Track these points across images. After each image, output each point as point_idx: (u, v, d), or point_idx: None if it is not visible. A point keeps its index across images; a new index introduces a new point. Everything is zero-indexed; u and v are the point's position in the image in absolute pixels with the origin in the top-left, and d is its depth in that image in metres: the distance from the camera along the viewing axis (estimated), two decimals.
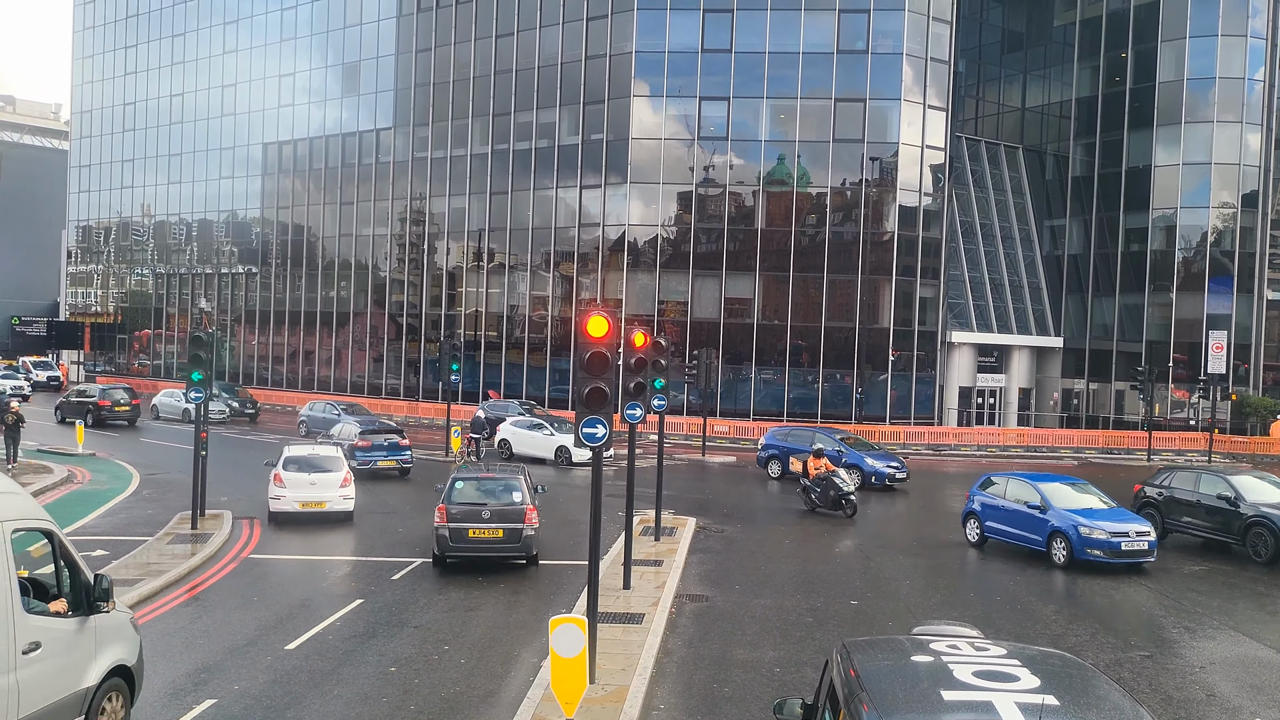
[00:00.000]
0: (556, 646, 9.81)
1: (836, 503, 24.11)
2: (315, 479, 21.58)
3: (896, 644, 6.37)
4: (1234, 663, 13.25)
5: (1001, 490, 20.86)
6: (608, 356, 11.14)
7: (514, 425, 35.22)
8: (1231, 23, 49.29)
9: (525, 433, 34.46)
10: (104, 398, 42.54)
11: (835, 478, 24.32)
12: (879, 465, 30.30)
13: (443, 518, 17.11)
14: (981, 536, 20.88)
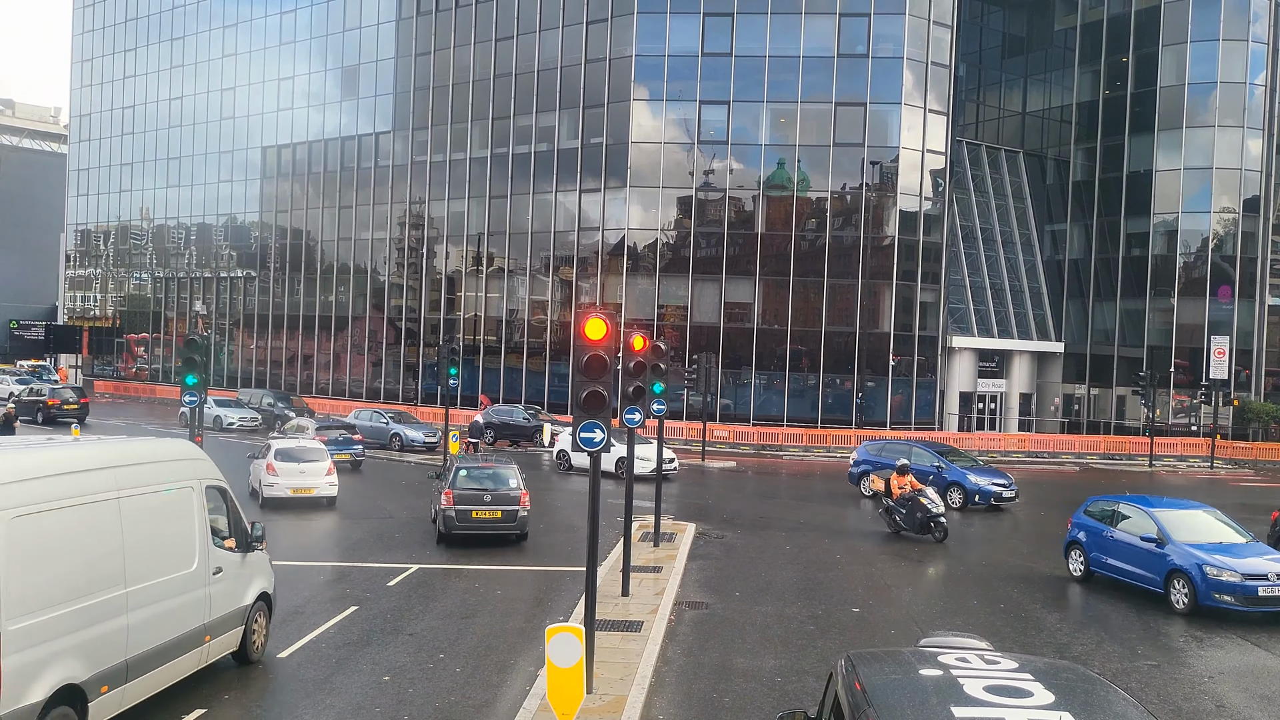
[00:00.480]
0: (553, 656, 9.60)
1: (924, 525, 21.56)
2: (304, 468, 24.43)
3: (903, 656, 6.16)
4: (1243, 672, 13.05)
5: (1109, 516, 18.03)
6: (606, 360, 10.95)
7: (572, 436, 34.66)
8: (1232, 27, 49.21)
9: None
10: (54, 396, 45.63)
11: (922, 497, 21.74)
12: (983, 482, 27.37)
13: (450, 501, 19.73)
14: (1086, 570, 18.14)
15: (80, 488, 9.12)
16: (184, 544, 10.71)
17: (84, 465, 9.43)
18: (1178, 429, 48.98)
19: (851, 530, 23.62)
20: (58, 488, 8.81)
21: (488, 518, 19.74)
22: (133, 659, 9.56)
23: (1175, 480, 39.28)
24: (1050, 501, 30.07)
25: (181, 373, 20.81)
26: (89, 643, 8.92)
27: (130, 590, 9.60)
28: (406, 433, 39.86)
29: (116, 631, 9.35)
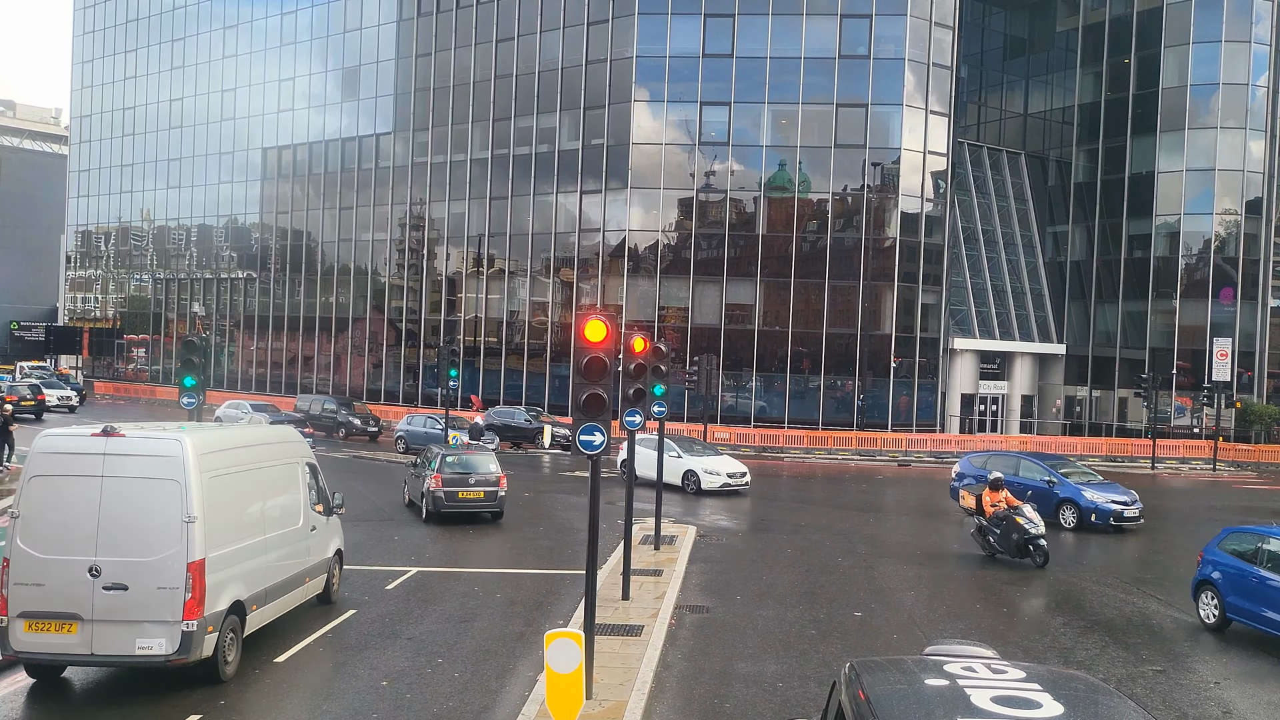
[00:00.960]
0: (552, 662, 9.49)
1: (1021, 548, 19.25)
2: None
3: (908, 665, 6.04)
4: (1249, 678, 12.92)
5: (1256, 554, 14.46)
6: (606, 362, 10.84)
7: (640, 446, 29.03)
8: (1235, 29, 49.13)
9: (650, 454, 28.34)
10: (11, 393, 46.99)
11: (1018, 516, 19.37)
12: (1100, 499, 24.04)
13: (439, 484, 22.40)
14: (1222, 618, 14.72)
15: (239, 459, 12.18)
16: (293, 506, 13.71)
17: (241, 443, 12.69)
18: (1180, 431, 48.86)
19: (853, 533, 23.49)
20: (229, 459, 11.89)
21: (472, 497, 22.68)
22: (269, 588, 12.60)
23: (1178, 483, 39.17)
24: (1181, 520, 27.59)
25: (180, 374, 20.71)
26: (247, 573, 11.92)
27: (267, 537, 12.65)
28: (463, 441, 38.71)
29: (260, 567, 12.35)
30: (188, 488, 10.81)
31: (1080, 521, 23.90)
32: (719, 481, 28.50)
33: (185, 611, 10.65)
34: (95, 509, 10.66)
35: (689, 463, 29.34)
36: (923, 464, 42.23)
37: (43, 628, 10.58)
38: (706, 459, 29.72)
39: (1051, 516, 23.53)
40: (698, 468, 28.97)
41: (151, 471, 10.85)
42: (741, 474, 29.18)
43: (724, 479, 28.58)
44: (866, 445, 44.40)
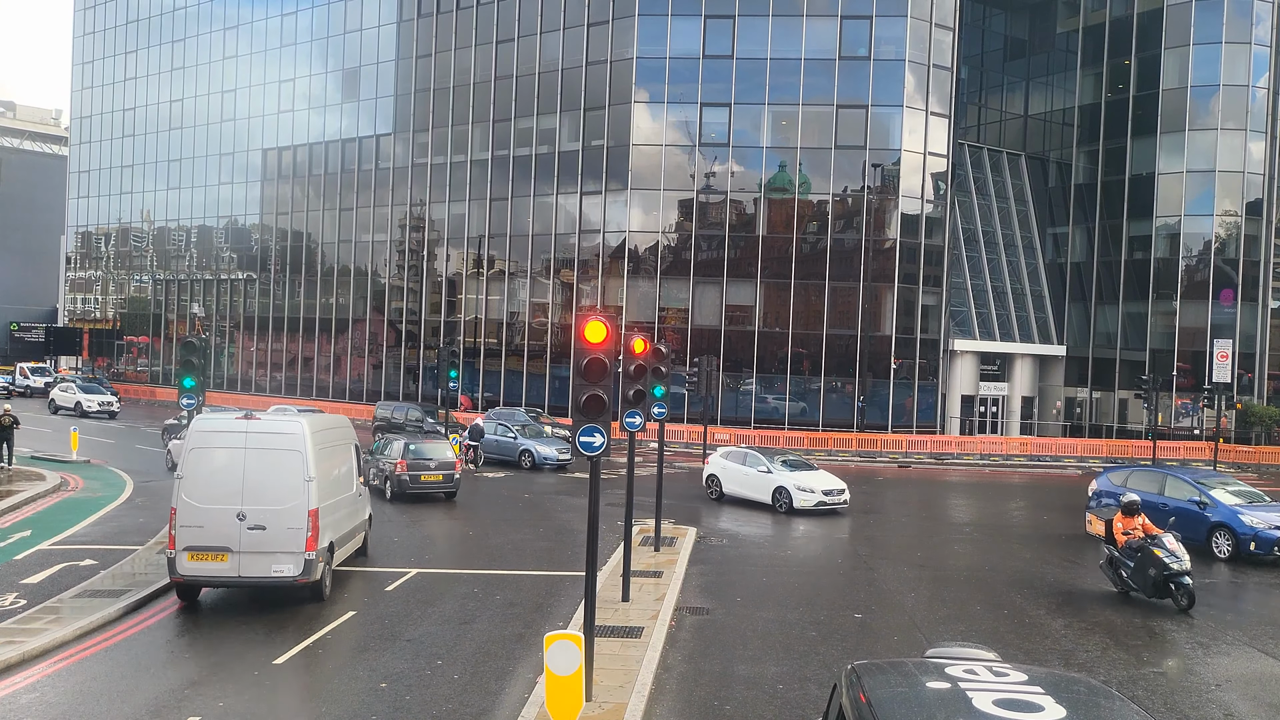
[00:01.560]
0: (552, 664, 9.47)
1: (1160, 587, 16.20)
2: None
3: (909, 668, 6.01)
4: (1250, 680, 12.88)
5: None
6: (606, 363, 10.81)
7: (725, 459, 28.49)
8: (1235, 30, 49.11)
9: (737, 468, 27.74)
10: None
11: (1157, 547, 16.28)
12: (1260, 522, 20.56)
13: (404, 468, 25.68)
14: None
15: (328, 439, 16.04)
16: (350, 477, 17.25)
17: (327, 426, 16.54)
18: (1180, 433, 48.82)
19: (853, 534, 23.44)
20: (325, 438, 15.77)
21: (433, 480, 26.01)
22: (342, 535, 16.23)
23: None
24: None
25: (180, 375, 20.70)
26: (334, 522, 15.67)
27: (339, 498, 16.20)
28: (538, 449, 34.82)
29: (339, 519, 16.11)
30: (307, 457, 14.76)
31: (1236, 550, 20.45)
32: (813, 500, 25.73)
33: (306, 545, 14.59)
34: (241, 471, 14.54)
35: (779, 478, 26.48)
36: (923, 465, 42.19)
37: (202, 558, 14.37)
38: (800, 474, 26.77)
39: (1203, 543, 20.71)
40: (789, 484, 26.14)
41: (281, 445, 14.81)
42: (839, 490, 26.30)
43: (819, 497, 25.82)
44: (867, 447, 44.37)
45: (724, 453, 29.23)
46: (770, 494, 26.46)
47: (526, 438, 35.22)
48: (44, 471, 28.64)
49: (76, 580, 16.22)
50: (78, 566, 17.40)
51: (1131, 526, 17.04)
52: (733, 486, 27.61)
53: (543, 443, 35.04)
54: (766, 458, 27.75)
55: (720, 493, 28.00)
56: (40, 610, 14.29)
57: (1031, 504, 31.46)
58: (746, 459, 27.87)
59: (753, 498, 26.97)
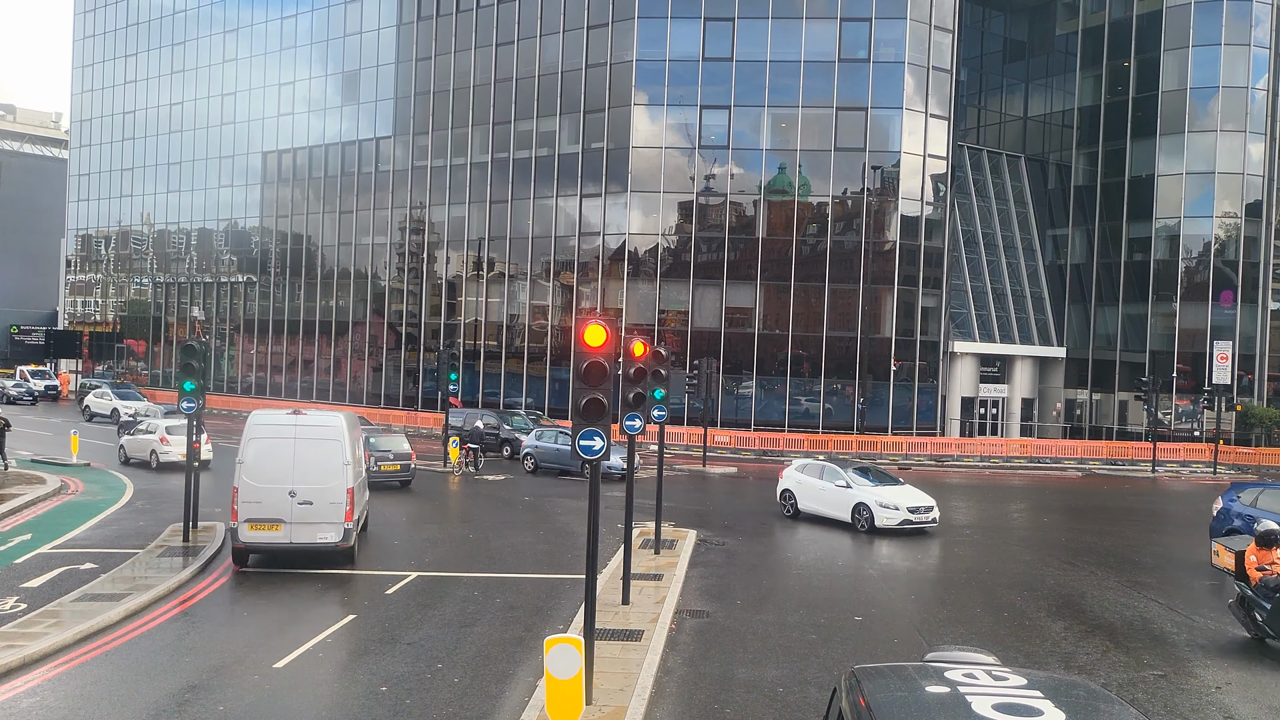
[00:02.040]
0: (551, 667, 9.48)
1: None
2: None
3: (909, 672, 6.02)
4: (1251, 682, 12.88)
5: None
6: (605, 366, 10.82)
7: (801, 473, 26.12)
8: (1234, 32, 49.13)
9: (814, 483, 25.36)
10: None
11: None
12: None
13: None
14: None
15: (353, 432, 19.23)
16: (362, 462, 20.53)
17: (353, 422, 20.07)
18: (1180, 434, 48.81)
19: (852, 536, 23.44)
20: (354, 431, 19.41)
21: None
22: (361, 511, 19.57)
23: (1179, 486, 39.14)
24: None
25: (179, 378, 20.69)
26: (360, 500, 19.08)
27: (361, 480, 19.65)
28: None
29: (362, 497, 19.68)
30: (344, 445, 17.93)
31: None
32: (897, 518, 23.37)
33: (345, 517, 17.62)
34: (291, 457, 17.61)
35: (860, 494, 24.01)
36: (923, 467, 42.18)
37: (259, 528, 17.44)
38: (883, 489, 24.34)
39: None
40: (870, 500, 23.69)
41: (324, 435, 17.95)
42: (927, 508, 23.90)
43: (904, 514, 23.44)
44: (867, 448, 44.36)
45: (800, 465, 26.66)
46: (849, 511, 23.99)
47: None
48: (44, 475, 28.64)
49: (77, 584, 16.23)
50: (78, 570, 17.41)
51: (1269, 561, 14.40)
52: (810, 503, 25.24)
53: None
54: (844, 470, 25.17)
55: (795, 509, 25.57)
56: (40, 614, 14.30)
57: (1032, 506, 31.47)
58: (824, 472, 25.39)
59: (829, 514, 24.64)
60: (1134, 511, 30.83)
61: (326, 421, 18.31)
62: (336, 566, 17.86)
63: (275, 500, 17.34)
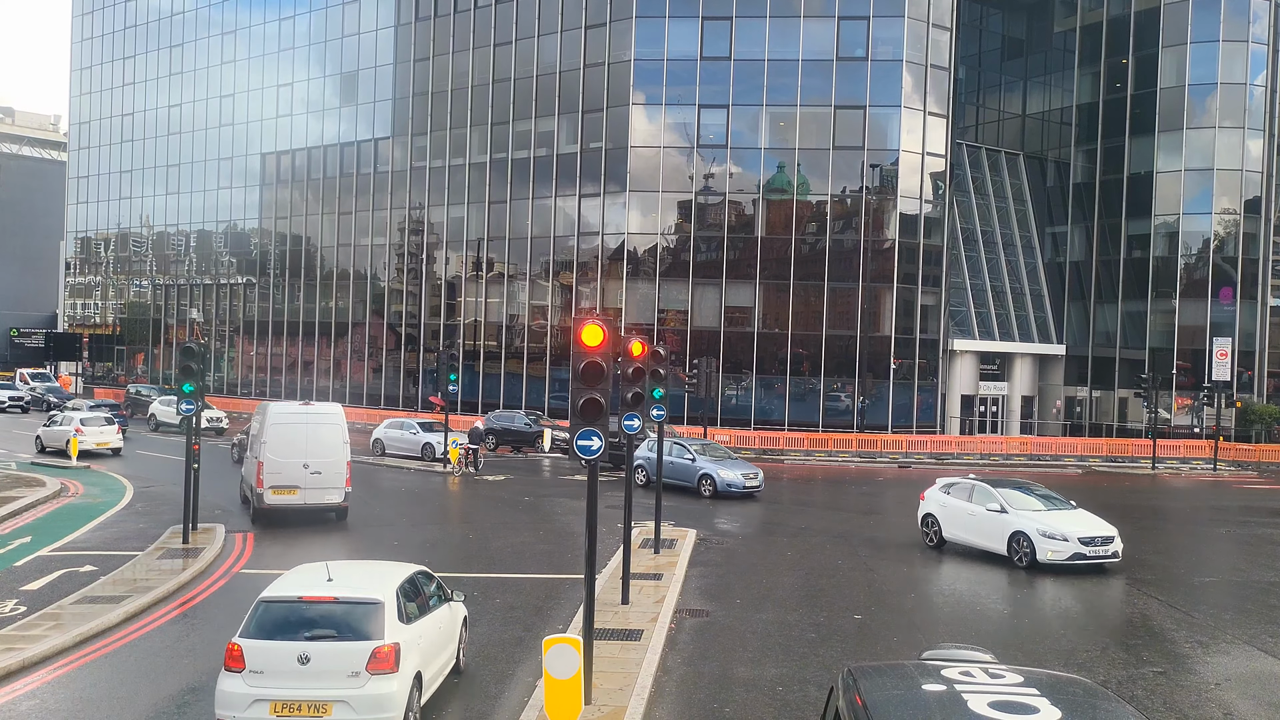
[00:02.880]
0: (551, 668, 9.48)
1: None
2: None
3: (906, 671, 6.02)
4: (1250, 679, 12.89)
5: None
6: (603, 366, 10.82)
7: (946, 493, 21.70)
8: (1232, 28, 49.12)
9: (961, 506, 21.04)
10: None
11: None
12: None
13: None
14: None
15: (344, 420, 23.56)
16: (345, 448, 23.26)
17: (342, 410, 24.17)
18: (1180, 431, 48.81)
19: (854, 536, 23.45)
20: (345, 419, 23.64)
21: None
22: None
23: (1179, 483, 39.14)
24: None
25: (179, 381, 20.70)
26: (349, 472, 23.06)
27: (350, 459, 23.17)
28: (720, 474, 28.95)
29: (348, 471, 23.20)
30: (343, 428, 23.03)
31: None
32: (1066, 551, 18.93)
33: (345, 483, 22.74)
34: (305, 437, 22.47)
35: (1018, 520, 19.70)
36: (923, 465, 42.18)
37: (279, 493, 22.18)
38: (1050, 516, 19.86)
39: None
40: (1031, 529, 19.31)
41: (328, 421, 23.12)
42: (1105, 539, 19.30)
43: (1074, 547, 18.96)
44: (867, 447, 44.37)
45: (945, 484, 21.95)
46: (1005, 541, 19.76)
47: (705, 460, 29.71)
48: (44, 477, 28.65)
49: (76, 586, 16.24)
50: (78, 572, 17.41)
51: None
52: (956, 530, 21.12)
53: (725, 466, 29.54)
54: (998, 490, 20.80)
55: (939, 537, 21.35)
56: (40, 616, 14.30)
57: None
58: (974, 493, 21.06)
59: (981, 545, 20.47)
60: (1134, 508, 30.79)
61: (329, 410, 23.93)
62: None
63: (293, 471, 22.20)
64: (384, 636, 9.71)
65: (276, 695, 9.51)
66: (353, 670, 9.53)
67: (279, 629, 9.83)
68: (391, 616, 9.97)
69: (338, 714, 9.44)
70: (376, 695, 9.50)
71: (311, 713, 9.45)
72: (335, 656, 9.62)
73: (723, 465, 29.60)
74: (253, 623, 9.91)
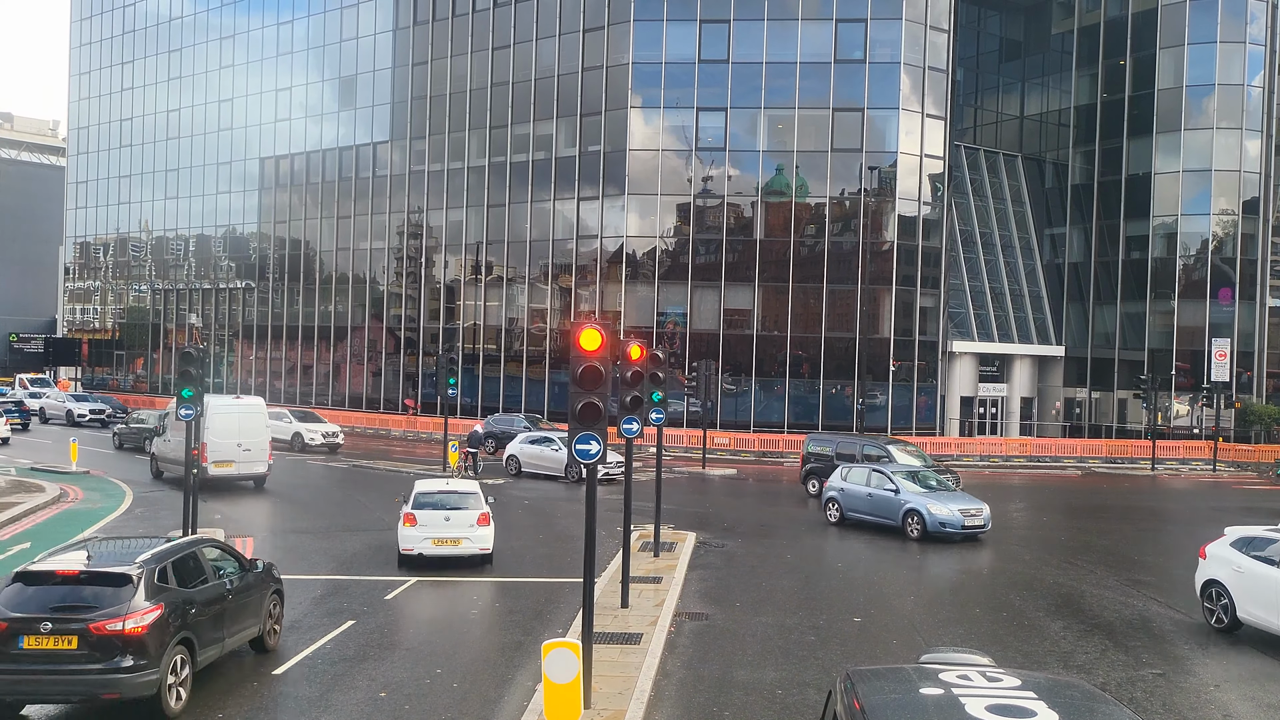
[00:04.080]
0: (550, 672, 9.49)
1: None
2: None
3: (904, 674, 6.03)
4: (1249, 680, 12.89)
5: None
6: (601, 370, 10.83)
7: (1245, 553, 14.45)
8: (1230, 29, 49.17)
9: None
10: None
11: None
12: None
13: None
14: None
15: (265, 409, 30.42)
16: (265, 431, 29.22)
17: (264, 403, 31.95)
18: (1180, 432, 48.82)
19: (853, 543, 23.44)
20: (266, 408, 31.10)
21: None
22: None
23: (1178, 484, 39.15)
24: None
25: (178, 385, 20.68)
26: None
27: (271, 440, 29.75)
28: (931, 509, 22.55)
29: None
30: (266, 417, 29.27)
31: None
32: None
33: (268, 458, 28.84)
34: (237, 423, 28.06)
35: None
36: None
37: (220, 465, 27.73)
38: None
39: None
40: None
41: (255, 410, 29.32)
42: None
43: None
44: None
45: (1238, 537, 15.67)
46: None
47: (912, 491, 23.57)
48: (43, 483, 28.63)
49: None
50: None
51: None
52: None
53: (936, 499, 23.11)
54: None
55: (1231, 614, 14.84)
56: None
57: (1031, 506, 31.48)
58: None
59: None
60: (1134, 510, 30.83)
61: (255, 402, 30.82)
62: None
63: (229, 449, 27.97)
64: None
65: None
66: None
67: None
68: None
69: None
70: None
71: None
72: None
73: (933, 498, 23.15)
74: None
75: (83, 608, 10.32)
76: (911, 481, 24.01)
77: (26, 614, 10.16)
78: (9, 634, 10.08)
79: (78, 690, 10.23)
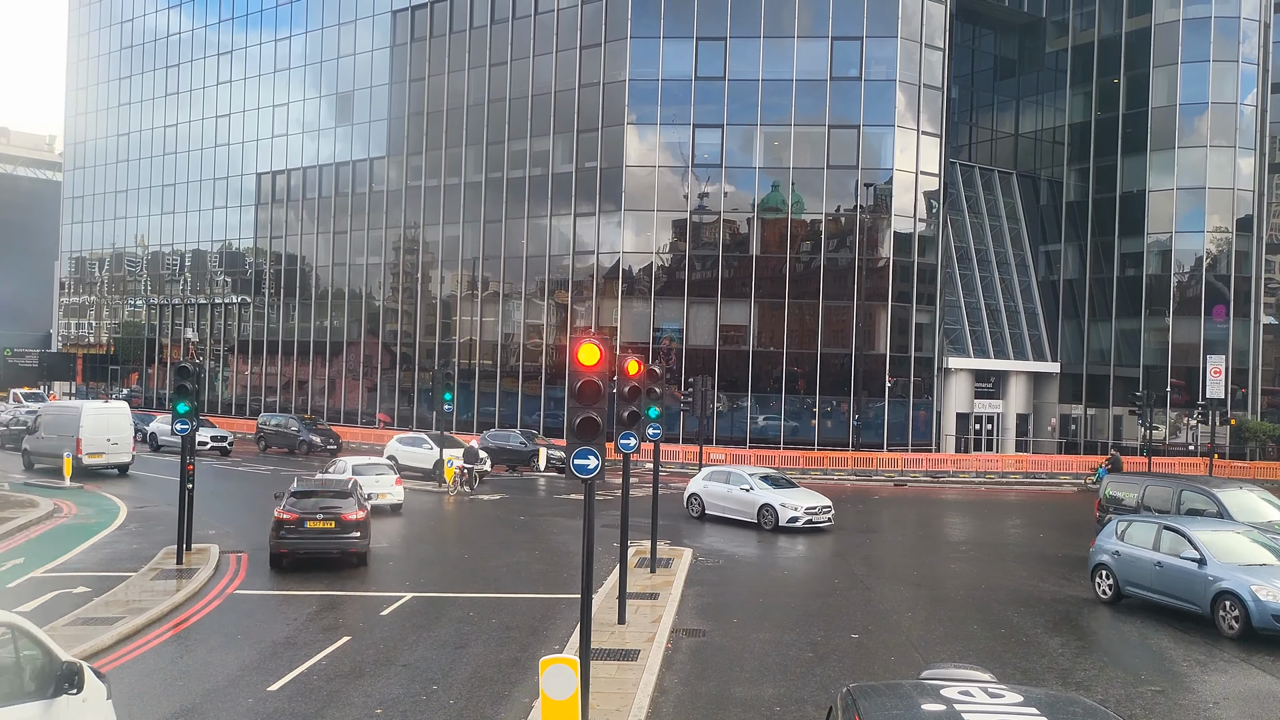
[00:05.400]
0: (547, 688, 9.44)
1: None
2: None
3: (905, 690, 6.00)
4: (1249, 697, 12.86)
5: None
6: (599, 385, 10.83)
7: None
8: (1223, 48, 49.49)
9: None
10: None
11: None
12: None
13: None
14: None
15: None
16: None
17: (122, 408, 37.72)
18: (1175, 448, 48.84)
19: (849, 554, 23.40)
20: None
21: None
22: None
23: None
24: None
25: (173, 400, 20.64)
26: None
27: None
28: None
29: None
30: (130, 417, 36.52)
31: None
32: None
33: (132, 449, 35.79)
34: (106, 421, 34.95)
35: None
36: (919, 484, 42.17)
37: (93, 457, 34.01)
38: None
39: None
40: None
41: (120, 412, 36.22)
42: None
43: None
44: (862, 465, 44.32)
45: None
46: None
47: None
48: (37, 498, 28.50)
49: (70, 608, 16.13)
50: (70, 594, 17.31)
51: None
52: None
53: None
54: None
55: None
56: None
57: (1028, 522, 31.46)
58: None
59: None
60: None
61: (120, 405, 37.40)
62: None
63: (100, 443, 34.06)
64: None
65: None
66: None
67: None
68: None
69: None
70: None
71: None
72: None
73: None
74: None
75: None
76: None
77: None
78: None
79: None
